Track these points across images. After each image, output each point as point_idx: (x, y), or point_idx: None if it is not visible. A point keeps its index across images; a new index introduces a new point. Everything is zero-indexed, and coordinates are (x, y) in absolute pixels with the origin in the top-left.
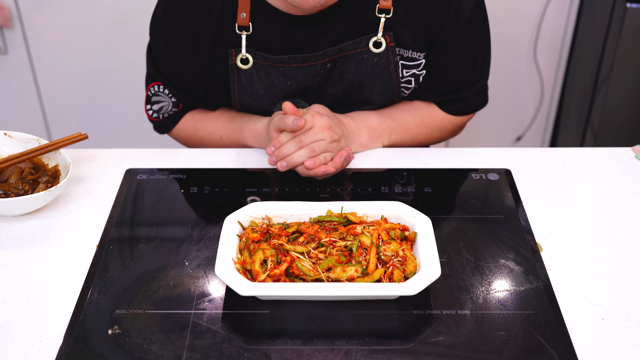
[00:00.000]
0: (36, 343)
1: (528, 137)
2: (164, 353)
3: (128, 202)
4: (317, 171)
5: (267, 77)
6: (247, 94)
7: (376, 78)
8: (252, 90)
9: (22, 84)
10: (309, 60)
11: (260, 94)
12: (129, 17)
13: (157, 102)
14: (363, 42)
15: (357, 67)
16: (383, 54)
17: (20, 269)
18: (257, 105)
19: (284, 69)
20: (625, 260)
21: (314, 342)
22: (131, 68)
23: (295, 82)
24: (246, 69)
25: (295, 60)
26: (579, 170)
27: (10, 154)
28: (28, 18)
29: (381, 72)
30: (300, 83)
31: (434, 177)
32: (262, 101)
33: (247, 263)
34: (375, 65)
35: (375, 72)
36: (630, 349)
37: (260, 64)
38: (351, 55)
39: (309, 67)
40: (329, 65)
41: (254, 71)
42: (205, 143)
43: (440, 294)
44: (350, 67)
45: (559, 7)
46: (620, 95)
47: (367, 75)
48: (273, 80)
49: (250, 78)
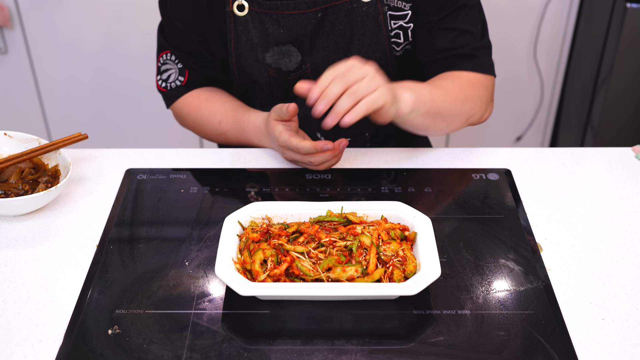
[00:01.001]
0: (36, 343)
1: (528, 137)
2: (164, 353)
3: (128, 202)
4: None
5: (262, 24)
6: (242, 44)
7: (366, 29)
8: (247, 39)
9: (22, 84)
10: (300, 7)
11: (254, 43)
12: (129, 17)
13: (165, 71)
14: None
15: (347, 17)
16: (372, 3)
17: (20, 269)
18: (252, 56)
19: (277, 16)
20: (625, 260)
21: (314, 342)
22: (131, 68)
23: (288, 30)
24: (242, 16)
25: (287, 6)
26: (579, 170)
27: (10, 154)
28: (28, 18)
29: (370, 22)
30: (292, 31)
31: (434, 177)
32: (256, 51)
33: (247, 263)
34: (365, 15)
35: (365, 22)
36: (630, 349)
37: (255, 11)
38: (341, 5)
39: (301, 15)
40: (320, 15)
41: (249, 18)
42: (204, 124)
43: (440, 294)
44: (340, 17)
45: (559, 7)
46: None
47: (357, 26)
48: (267, 28)
49: (245, 26)
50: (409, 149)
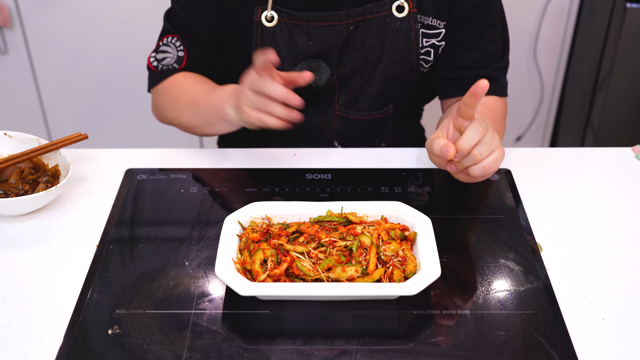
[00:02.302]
0: (36, 343)
1: (528, 137)
2: (164, 353)
3: (128, 202)
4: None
5: (290, 36)
6: None
7: (397, 45)
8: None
9: (22, 84)
10: (333, 19)
11: (282, 54)
12: (129, 17)
13: (163, 52)
14: (386, 5)
15: (379, 32)
16: (405, 19)
17: (20, 269)
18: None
19: (307, 27)
20: (625, 260)
21: (314, 342)
22: (131, 68)
23: (318, 43)
24: (270, 27)
25: (319, 18)
26: (579, 170)
27: (10, 154)
28: (28, 18)
29: (402, 39)
30: (322, 44)
31: (434, 177)
32: (283, 62)
33: (247, 263)
34: (397, 30)
35: (396, 38)
36: (630, 349)
37: (285, 22)
38: (374, 19)
39: (332, 27)
40: (352, 28)
41: (277, 29)
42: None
43: (440, 294)
44: (372, 32)
45: (559, 8)
46: (620, 95)
47: (388, 41)
48: (296, 40)
49: (273, 37)
50: (409, 149)
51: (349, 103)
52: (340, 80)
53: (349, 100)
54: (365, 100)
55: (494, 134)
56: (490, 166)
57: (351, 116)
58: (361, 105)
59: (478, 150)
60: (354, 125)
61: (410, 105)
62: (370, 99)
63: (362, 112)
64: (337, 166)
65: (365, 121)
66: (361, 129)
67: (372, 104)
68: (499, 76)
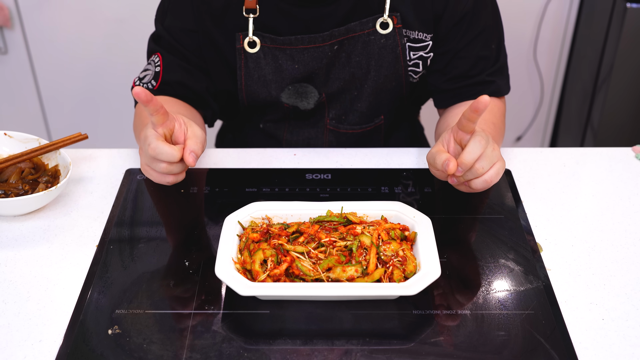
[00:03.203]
0: (36, 343)
1: (528, 137)
2: (164, 353)
3: (128, 202)
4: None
5: (275, 60)
6: (255, 81)
7: (383, 60)
8: (259, 75)
9: (22, 84)
10: (316, 41)
11: (267, 80)
12: (129, 17)
13: (145, 70)
14: (370, 22)
15: (364, 49)
16: (390, 35)
17: (20, 269)
18: (265, 92)
19: (291, 51)
20: (625, 260)
21: (314, 342)
22: (131, 68)
23: (303, 65)
24: (253, 53)
25: (302, 41)
26: (579, 170)
27: (10, 154)
28: (28, 18)
29: (388, 55)
30: (307, 66)
31: (434, 177)
32: (270, 87)
33: (247, 263)
34: (382, 47)
35: (382, 54)
36: (630, 349)
37: (268, 47)
38: (358, 37)
39: (316, 48)
40: (336, 47)
41: (261, 55)
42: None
43: (440, 294)
44: (357, 49)
45: (559, 7)
46: (620, 95)
47: (374, 57)
48: (281, 64)
49: (257, 63)
50: (409, 149)
51: (339, 117)
52: (329, 97)
53: (340, 114)
54: (356, 115)
55: (494, 147)
56: (492, 179)
57: (342, 130)
58: (352, 120)
59: (480, 164)
60: (345, 138)
61: (402, 113)
62: (360, 113)
63: (353, 126)
64: (337, 166)
65: (357, 134)
66: (353, 141)
67: (363, 118)
68: (495, 79)
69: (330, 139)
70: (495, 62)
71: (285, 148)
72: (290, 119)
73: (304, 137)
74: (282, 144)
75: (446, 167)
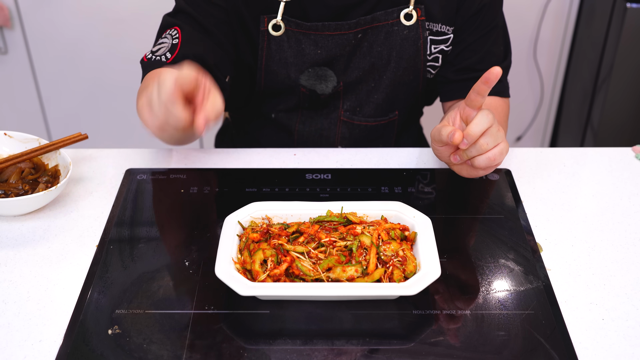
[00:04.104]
0: (36, 343)
1: (528, 137)
2: (164, 353)
3: (128, 202)
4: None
5: (298, 44)
6: (275, 62)
7: (404, 52)
8: (280, 58)
9: (22, 84)
10: (342, 28)
11: (288, 62)
12: (129, 17)
13: (160, 44)
14: (395, 13)
15: (387, 39)
16: (413, 27)
17: (20, 269)
18: (283, 73)
19: (315, 36)
20: (625, 260)
21: (314, 342)
22: (131, 68)
23: (326, 51)
24: (277, 36)
25: (328, 28)
26: (579, 170)
27: (10, 154)
28: (28, 18)
29: (409, 47)
30: (330, 52)
31: (434, 177)
32: (289, 69)
33: (247, 263)
34: (405, 38)
35: (404, 45)
36: (630, 349)
37: (292, 31)
38: (382, 27)
39: (341, 35)
40: (360, 36)
41: (284, 38)
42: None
43: (440, 294)
44: (379, 39)
45: (559, 7)
46: (620, 95)
47: (396, 49)
48: (303, 48)
49: (280, 45)
50: (409, 149)
51: (354, 109)
52: (346, 87)
53: (355, 106)
54: (371, 107)
55: (499, 127)
56: (496, 158)
57: (356, 122)
58: (367, 112)
59: (485, 140)
60: (358, 131)
61: (415, 113)
62: (376, 105)
63: (367, 118)
64: (337, 166)
65: (370, 127)
66: (365, 135)
67: (378, 110)
68: (502, 78)
69: (342, 130)
70: (503, 61)
71: (285, 148)
72: (303, 108)
73: (316, 128)
74: (294, 135)
75: (452, 138)
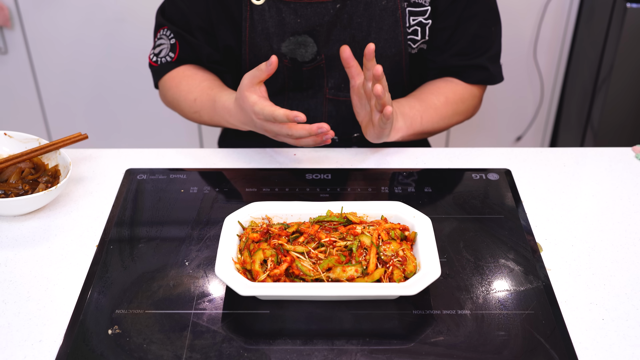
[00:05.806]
0: (36, 343)
1: (528, 137)
2: (164, 353)
3: (128, 202)
4: None
5: (278, 14)
6: (258, 33)
7: (383, 23)
8: (262, 28)
9: (22, 84)
10: None
11: (270, 32)
12: (129, 17)
13: (159, 46)
14: None
15: (366, 11)
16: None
17: (20, 269)
18: (266, 45)
19: (295, 5)
20: (625, 260)
21: (314, 342)
22: (131, 68)
23: (305, 20)
24: (259, 5)
25: None
26: (579, 170)
27: (10, 154)
28: (28, 18)
29: (388, 17)
30: (309, 21)
31: (434, 177)
32: (272, 40)
33: (247, 263)
34: (383, 9)
35: (383, 16)
36: (630, 349)
37: (273, 0)
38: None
39: (319, 4)
40: (339, 6)
41: (265, 7)
42: (180, 101)
43: (440, 294)
44: (359, 10)
45: (559, 7)
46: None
47: (375, 20)
48: (284, 17)
49: (262, 15)
50: (409, 149)
51: (339, 85)
52: (328, 62)
53: (339, 82)
54: None
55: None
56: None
57: (342, 98)
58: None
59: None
60: (345, 107)
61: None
62: None
63: None
64: (337, 166)
65: None
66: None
67: None
68: (489, 65)
69: (329, 109)
70: (492, 45)
71: (285, 148)
72: (289, 90)
73: (303, 109)
74: None
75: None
